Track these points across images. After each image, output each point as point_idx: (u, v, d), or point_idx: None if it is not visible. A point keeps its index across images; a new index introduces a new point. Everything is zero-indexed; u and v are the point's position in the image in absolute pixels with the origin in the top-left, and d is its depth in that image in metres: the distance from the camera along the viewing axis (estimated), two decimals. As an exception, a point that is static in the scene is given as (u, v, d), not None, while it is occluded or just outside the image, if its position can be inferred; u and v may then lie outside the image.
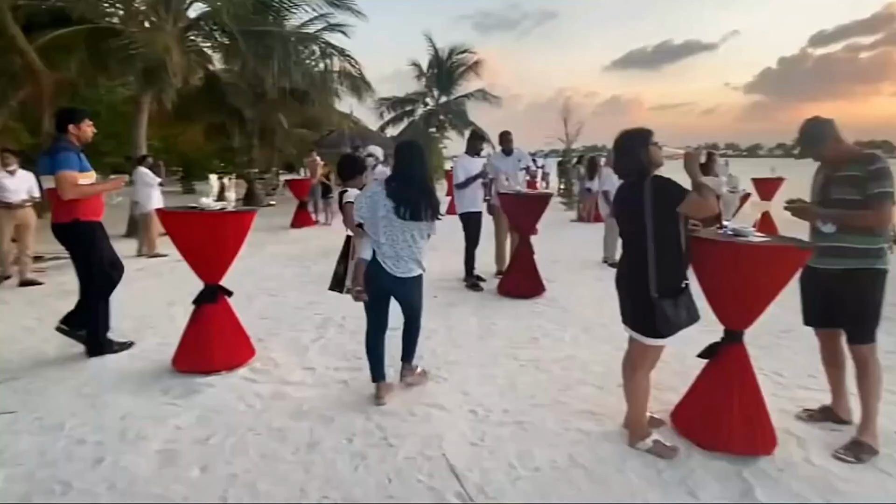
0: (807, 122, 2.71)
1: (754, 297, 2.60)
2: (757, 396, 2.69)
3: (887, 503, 2.29)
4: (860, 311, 2.62)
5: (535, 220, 5.64)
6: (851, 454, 2.57)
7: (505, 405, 3.12)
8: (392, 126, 23.80)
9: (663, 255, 2.42)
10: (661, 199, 2.39)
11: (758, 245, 2.53)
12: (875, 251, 2.58)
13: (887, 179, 2.51)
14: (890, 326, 4.53)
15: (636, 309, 2.53)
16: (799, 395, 3.27)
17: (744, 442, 2.59)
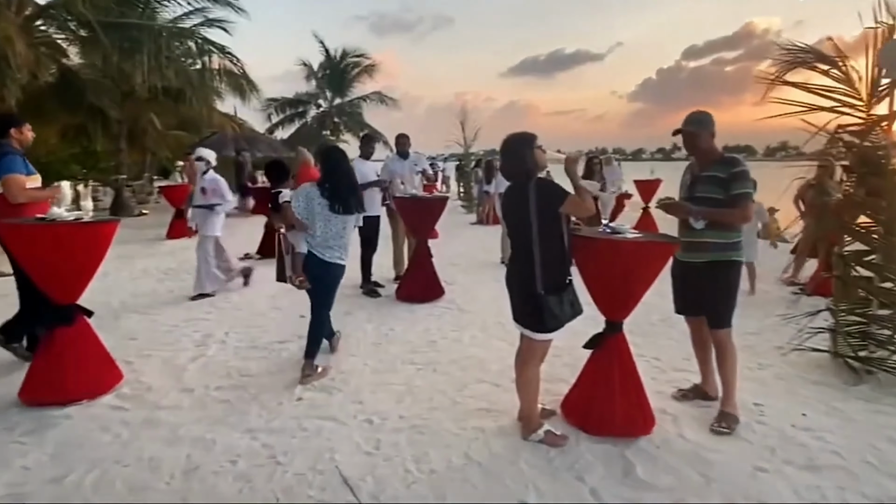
0: (694, 112, 2.98)
1: (631, 288, 2.84)
2: (637, 381, 2.94)
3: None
4: (720, 299, 2.95)
5: (432, 224, 5.72)
6: (725, 425, 2.91)
7: (401, 411, 3.11)
8: (282, 128, 22.93)
9: (548, 253, 2.56)
10: (545, 200, 2.53)
11: (632, 241, 2.78)
12: (732, 244, 2.90)
13: (747, 181, 2.84)
14: (751, 311, 5.26)
15: (524, 306, 2.65)
16: (675, 377, 3.63)
17: (626, 425, 2.81)
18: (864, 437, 2.93)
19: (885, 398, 3.41)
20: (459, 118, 15.05)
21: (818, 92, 3.98)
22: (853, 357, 3.80)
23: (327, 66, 22.27)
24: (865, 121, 3.83)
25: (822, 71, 4.01)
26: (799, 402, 3.35)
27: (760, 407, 3.25)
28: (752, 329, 4.71)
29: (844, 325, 3.93)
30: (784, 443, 2.85)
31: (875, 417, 3.16)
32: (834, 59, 3.94)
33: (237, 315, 5.04)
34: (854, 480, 2.54)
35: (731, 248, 2.91)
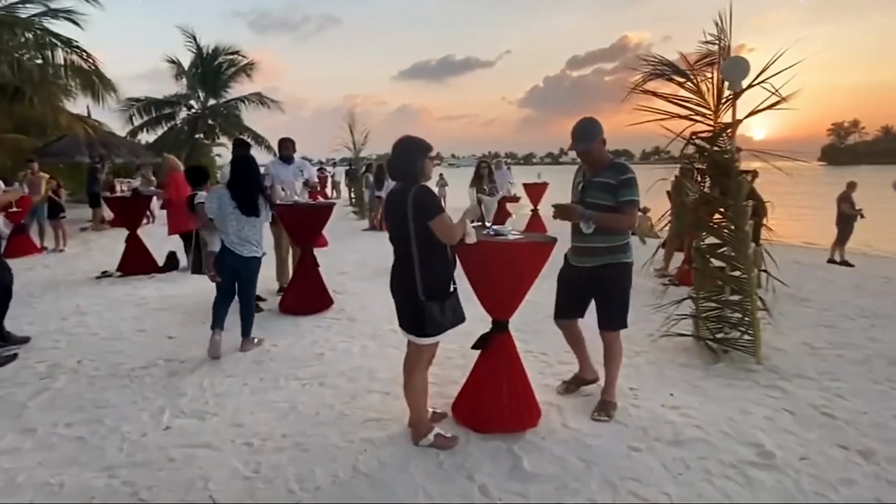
0: (581, 120, 3.08)
1: (514, 288, 2.97)
2: (523, 377, 3.09)
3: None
4: (612, 301, 3.10)
5: (317, 232, 5.56)
6: (604, 413, 3.14)
7: (284, 429, 2.98)
8: (147, 131, 21.05)
9: (428, 260, 2.60)
10: (419, 210, 2.56)
11: (513, 242, 2.91)
12: (621, 247, 3.06)
13: (635, 188, 2.97)
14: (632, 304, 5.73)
15: (407, 311, 2.68)
16: (561, 370, 3.85)
17: (513, 420, 2.94)
18: (721, 410, 3.33)
19: (737, 374, 3.92)
20: (347, 121, 14.81)
21: (675, 101, 4.50)
22: (711, 339, 4.32)
23: (199, 63, 20.86)
24: (713, 127, 4.38)
25: (677, 82, 4.54)
26: (668, 383, 3.73)
27: (635, 391, 3.57)
28: (629, 319, 5.15)
29: (704, 311, 4.45)
30: (655, 422, 3.15)
31: (730, 392, 3.62)
32: (686, 72, 4.47)
33: (93, 341, 4.54)
34: (713, 450, 2.87)
35: (621, 251, 3.07)
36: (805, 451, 2.87)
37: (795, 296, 6.15)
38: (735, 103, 4.32)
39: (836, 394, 3.60)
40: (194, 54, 20.90)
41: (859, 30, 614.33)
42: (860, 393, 3.62)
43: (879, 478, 2.66)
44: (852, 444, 2.95)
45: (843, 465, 2.77)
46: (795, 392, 3.61)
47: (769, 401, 3.49)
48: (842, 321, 5.28)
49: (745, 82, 4.24)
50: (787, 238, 13.34)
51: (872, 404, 3.45)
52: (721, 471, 2.68)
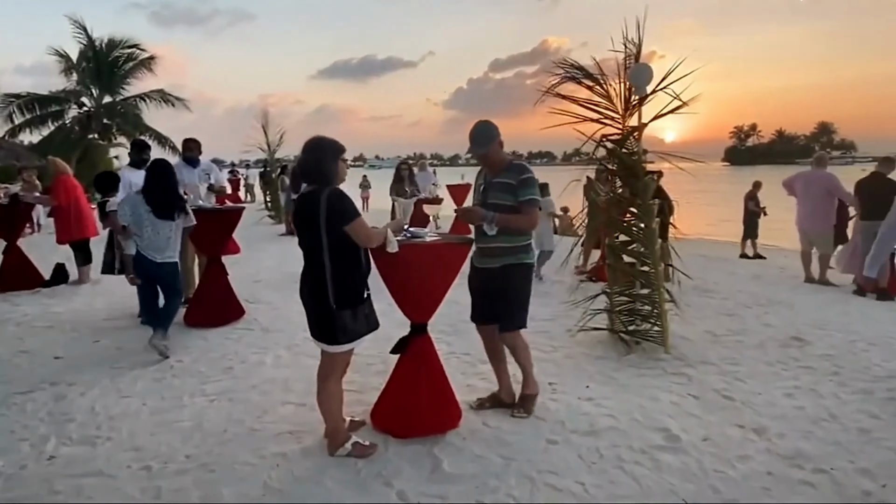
0: (477, 123, 3.08)
1: (431, 290, 2.99)
2: (443, 379, 3.11)
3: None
4: (512, 302, 3.09)
5: (223, 239, 5.30)
6: (523, 409, 3.20)
7: (188, 450, 2.83)
8: (30, 131, 19.18)
9: (340, 266, 2.56)
10: (334, 214, 2.51)
11: (429, 244, 2.91)
12: (522, 248, 3.08)
13: (534, 187, 3.01)
14: (547, 299, 5.96)
15: (318, 320, 2.62)
16: (483, 369, 3.86)
17: (433, 422, 2.96)
18: (632, 398, 3.54)
19: (647, 363, 4.18)
20: (260, 121, 14.24)
21: (586, 105, 4.74)
22: (624, 332, 4.58)
23: (91, 57, 19.30)
24: (622, 130, 4.66)
25: (586, 86, 4.78)
26: (584, 376, 3.91)
27: (554, 385, 3.71)
28: (547, 316, 5.36)
29: (617, 306, 4.71)
30: (571, 414, 3.29)
31: (641, 380, 3.85)
32: (597, 77, 4.72)
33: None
34: (624, 437, 3.04)
35: (522, 252, 3.09)
36: (707, 433, 3.11)
37: (700, 287, 6.65)
38: (640, 108, 4.63)
39: (734, 377, 3.93)
40: (84, 46, 19.32)
41: (758, 39, 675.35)
42: (755, 375, 3.97)
43: (770, 452, 2.92)
44: (748, 423, 3.23)
45: (740, 442, 3.02)
46: (699, 377, 3.91)
47: (676, 387, 3.75)
48: (741, 309, 5.77)
49: (649, 88, 4.57)
50: (694, 233, 14.44)
51: (766, 385, 3.80)
52: (632, 457, 2.85)
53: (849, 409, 3.42)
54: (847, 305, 6.09)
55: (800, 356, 4.35)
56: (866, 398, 3.59)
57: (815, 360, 4.27)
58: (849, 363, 4.20)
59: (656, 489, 2.57)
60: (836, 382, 3.84)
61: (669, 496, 2.52)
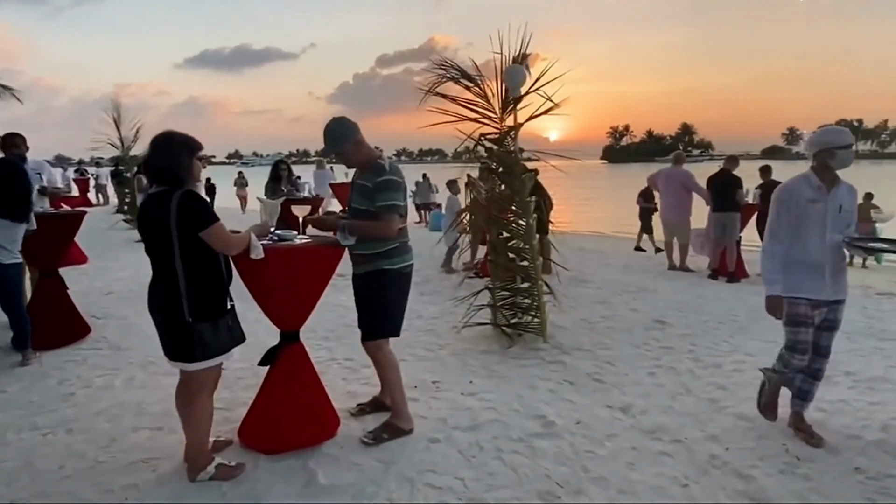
0: (330, 121, 2.89)
1: (301, 296, 2.86)
2: (317, 388, 3.01)
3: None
4: (371, 311, 2.94)
5: (59, 249, 4.69)
6: (372, 436, 2.92)
7: (15, 493, 2.47)
8: None
9: (196, 275, 2.37)
10: (186, 218, 2.32)
11: (298, 247, 2.77)
12: (384, 253, 2.85)
13: (392, 191, 2.77)
14: (434, 297, 6.03)
15: (171, 336, 2.41)
16: (366, 373, 3.82)
17: (307, 434, 2.85)
18: (513, 389, 3.68)
19: (528, 354, 4.38)
20: (111, 113, 12.80)
21: (465, 104, 4.86)
22: (507, 325, 4.76)
23: None
24: (499, 130, 4.83)
25: (464, 86, 4.91)
26: (469, 371, 4.00)
27: (437, 383, 3.76)
28: (435, 314, 5.43)
29: (499, 300, 4.89)
30: (454, 411, 3.35)
31: (521, 371, 4.02)
32: (473, 78, 4.85)
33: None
34: (504, 428, 3.15)
35: (383, 258, 2.87)
36: (580, 416, 3.32)
37: (577, 278, 7.11)
38: (516, 108, 4.84)
39: (605, 361, 4.24)
40: None
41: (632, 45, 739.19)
42: (624, 357, 4.32)
43: (635, 428, 3.19)
44: (616, 403, 3.50)
45: (609, 422, 3.26)
46: (574, 364, 4.17)
47: (553, 374, 3.96)
48: (612, 297, 6.26)
49: (523, 89, 4.80)
50: (574, 228, 15.47)
51: (632, 366, 4.14)
52: (510, 446, 2.96)
53: (701, 383, 3.83)
54: (702, 289, 6.85)
55: (661, 337, 4.81)
56: (716, 371, 4.05)
57: (674, 339, 4.75)
58: (702, 341, 4.72)
59: (532, 475, 2.69)
60: (692, 359, 4.29)
61: (544, 481, 2.65)
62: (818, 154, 2.89)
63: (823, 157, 2.88)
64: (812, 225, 2.88)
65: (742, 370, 4.05)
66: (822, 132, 2.94)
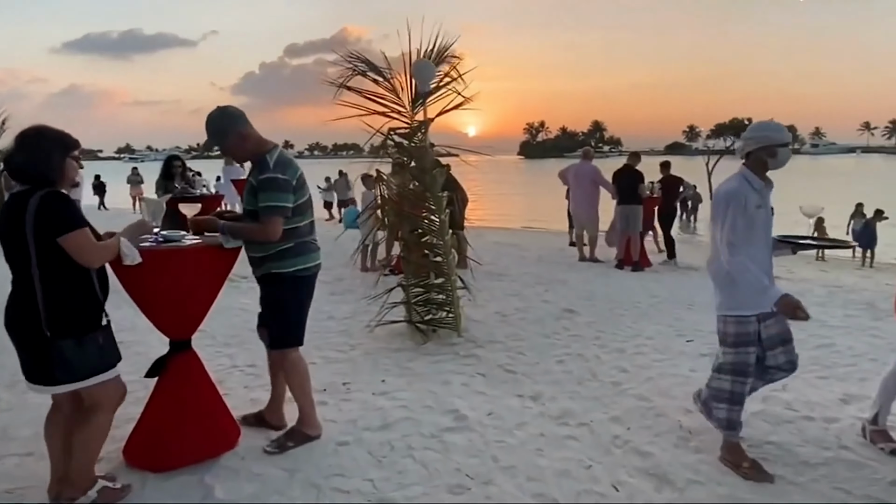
0: (213, 111, 2.69)
1: (190, 301, 2.68)
2: (213, 398, 2.85)
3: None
4: (269, 317, 2.78)
5: None
6: (275, 445, 2.80)
7: None
8: None
9: (57, 283, 2.13)
10: (43, 222, 2.08)
11: (184, 249, 2.58)
12: (274, 256, 2.66)
13: (273, 191, 2.54)
14: (348, 296, 5.92)
15: (27, 354, 2.17)
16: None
17: (203, 447, 2.69)
18: (426, 386, 3.68)
19: (442, 349, 4.40)
20: (-29, 102, 11.48)
21: (374, 98, 4.80)
22: (421, 321, 4.76)
23: None
24: (410, 125, 4.81)
25: (372, 79, 4.84)
26: (381, 371, 3.96)
27: (348, 385, 3.68)
28: (347, 313, 5.34)
29: (413, 297, 4.87)
30: (365, 411, 3.30)
31: (435, 367, 4.03)
32: (381, 71, 4.79)
33: None
34: (416, 425, 3.14)
35: (273, 261, 2.68)
36: (492, 407, 3.38)
37: (493, 272, 7.26)
38: (425, 103, 4.83)
39: (517, 352, 4.35)
40: None
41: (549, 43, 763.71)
42: (535, 347, 4.45)
43: (544, 415, 3.29)
44: (526, 392, 3.60)
45: (519, 411, 3.34)
46: (487, 356, 4.24)
47: (466, 368, 4.01)
48: (526, 289, 6.44)
49: (433, 84, 4.80)
50: (491, 222, 15.81)
51: (543, 355, 4.27)
52: (422, 443, 2.95)
53: (606, 367, 4.03)
54: (609, 278, 7.21)
55: (570, 326, 5.01)
56: (620, 356, 4.27)
57: (583, 328, 4.96)
58: (608, 327, 4.96)
59: (443, 470, 2.70)
60: (598, 345, 4.50)
61: (455, 474, 2.67)
62: (756, 152, 2.58)
63: (762, 155, 2.57)
64: (759, 232, 2.59)
65: (643, 353, 4.30)
66: (761, 127, 2.63)
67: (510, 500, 2.49)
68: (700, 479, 2.60)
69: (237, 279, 5.54)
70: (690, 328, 4.91)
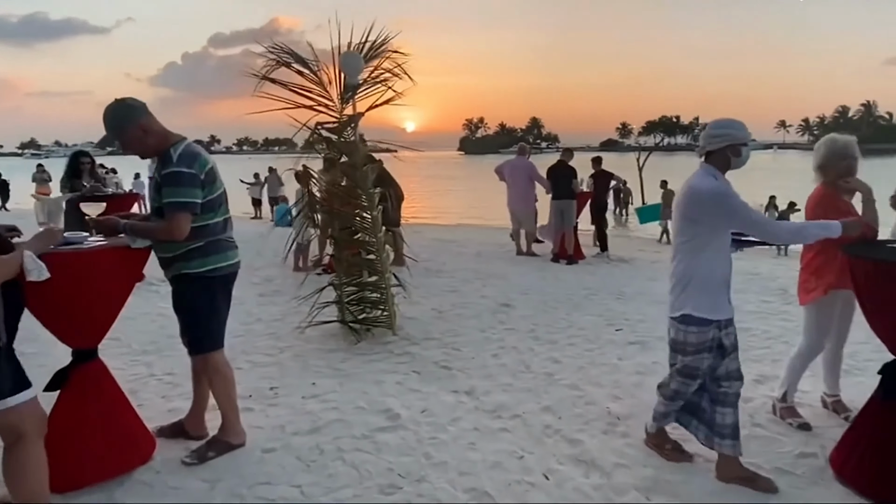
0: (110, 104, 2.54)
1: (96, 307, 2.51)
2: (124, 409, 2.69)
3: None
4: (183, 321, 2.69)
5: None
6: (195, 456, 2.68)
7: None
8: None
9: None
10: None
11: (84, 251, 2.42)
12: (182, 256, 2.55)
13: (177, 185, 2.43)
14: (277, 298, 5.75)
15: None
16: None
17: (114, 462, 2.53)
18: (358, 386, 3.63)
19: (376, 348, 4.36)
20: None
21: (300, 91, 4.66)
22: (354, 321, 4.69)
23: None
24: (339, 119, 4.71)
25: (297, 71, 4.71)
26: (312, 373, 3.87)
27: (276, 389, 3.58)
28: (276, 315, 5.20)
29: (346, 296, 4.80)
30: (293, 416, 3.21)
31: (368, 367, 3.98)
32: (307, 63, 4.66)
33: None
34: (347, 427, 3.09)
35: (180, 261, 2.56)
36: (425, 404, 3.37)
37: (431, 268, 7.28)
38: (355, 96, 4.75)
39: (453, 347, 4.37)
40: None
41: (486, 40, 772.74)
42: (471, 342, 4.48)
43: (478, 409, 3.32)
44: (461, 387, 3.62)
45: (453, 406, 3.36)
46: (422, 354, 4.23)
47: (400, 367, 3.99)
48: (463, 285, 6.49)
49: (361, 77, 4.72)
50: (431, 218, 15.85)
51: (478, 349, 4.31)
52: (353, 444, 2.91)
53: (539, 359, 4.11)
54: (545, 272, 7.38)
55: (506, 320, 5.09)
56: (552, 347, 4.38)
57: (518, 321, 5.04)
58: (542, 320, 5.07)
59: (374, 471, 2.67)
60: (532, 337, 4.59)
61: (387, 474, 2.65)
62: (721, 150, 2.45)
63: (727, 153, 2.45)
64: (726, 234, 2.50)
65: (575, 343, 4.43)
66: (726, 125, 2.48)
67: (442, 495, 2.49)
68: (626, 463, 2.70)
69: (156, 283, 5.27)
70: (619, 318, 5.11)
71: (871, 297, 2.47)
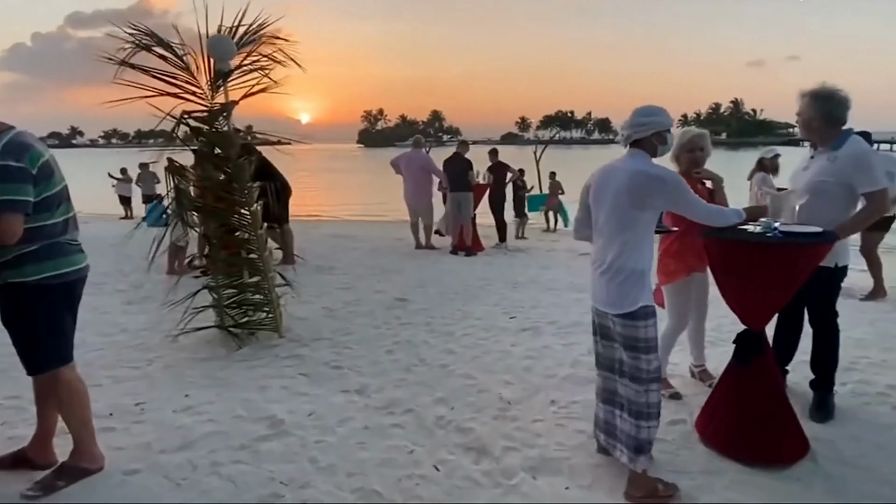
0: None
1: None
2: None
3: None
4: (16, 338, 2.45)
5: None
6: (39, 487, 2.46)
7: None
8: None
9: None
10: None
11: None
12: (10, 262, 2.35)
13: (6, 182, 2.22)
14: (144, 305, 5.32)
15: None
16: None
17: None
18: (238, 395, 3.46)
19: (260, 353, 4.18)
20: None
21: (163, 77, 4.34)
22: (234, 325, 4.47)
23: None
24: (209, 108, 4.44)
25: (160, 55, 4.38)
26: (185, 384, 3.63)
27: (142, 405, 3.32)
28: (144, 324, 4.84)
29: (225, 299, 4.56)
30: (162, 433, 2.99)
31: (250, 373, 3.81)
32: (171, 47, 4.34)
33: None
34: (224, 439, 2.93)
35: (9, 268, 2.36)
36: (313, 407, 3.29)
37: (323, 266, 7.11)
38: (226, 84, 4.50)
39: (345, 346, 4.30)
40: None
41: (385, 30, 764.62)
42: (363, 340, 4.43)
43: (369, 407, 3.29)
44: (352, 387, 3.57)
45: (343, 407, 3.30)
46: (311, 355, 4.12)
47: (287, 370, 3.86)
48: (357, 281, 6.41)
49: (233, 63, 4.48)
50: (328, 213, 15.52)
51: (370, 347, 4.27)
52: (230, 457, 2.77)
53: (434, 352, 4.15)
54: (443, 264, 7.47)
55: (402, 315, 5.09)
56: (448, 338, 4.44)
57: (413, 315, 5.06)
58: (438, 312, 5.13)
59: (254, 482, 2.56)
60: (427, 330, 4.63)
61: (267, 484, 2.55)
62: (647, 139, 2.43)
63: (653, 140, 2.43)
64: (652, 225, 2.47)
65: (470, 333, 4.52)
66: (651, 112, 2.45)
67: (327, 499, 2.44)
68: (515, 446, 2.81)
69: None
70: (514, 306, 5.29)
71: (724, 272, 2.73)
